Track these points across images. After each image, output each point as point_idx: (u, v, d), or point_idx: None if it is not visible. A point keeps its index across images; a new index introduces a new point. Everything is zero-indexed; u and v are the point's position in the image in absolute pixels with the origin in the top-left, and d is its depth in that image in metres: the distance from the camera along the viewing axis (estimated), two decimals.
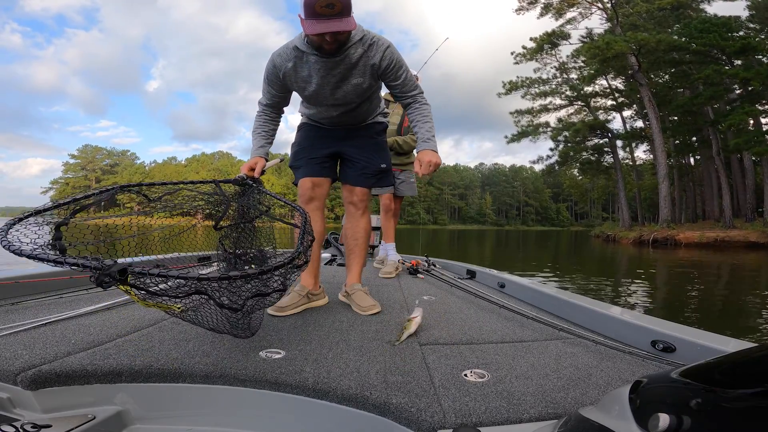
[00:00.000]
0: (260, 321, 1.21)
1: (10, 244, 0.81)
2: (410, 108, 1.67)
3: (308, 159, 1.79)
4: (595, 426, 0.53)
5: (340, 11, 1.32)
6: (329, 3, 1.30)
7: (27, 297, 1.63)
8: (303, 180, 1.77)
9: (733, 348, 1.03)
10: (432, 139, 1.62)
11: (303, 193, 1.77)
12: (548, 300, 1.81)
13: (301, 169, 1.79)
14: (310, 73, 1.55)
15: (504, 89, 30.44)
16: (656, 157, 23.68)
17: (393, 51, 1.55)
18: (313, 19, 1.33)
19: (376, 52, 1.53)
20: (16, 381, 0.93)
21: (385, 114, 1.92)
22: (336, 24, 1.34)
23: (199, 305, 0.92)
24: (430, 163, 1.55)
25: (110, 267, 0.74)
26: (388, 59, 1.54)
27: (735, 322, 4.34)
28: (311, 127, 1.83)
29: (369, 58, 1.53)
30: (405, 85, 1.62)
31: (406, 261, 3.02)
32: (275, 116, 1.76)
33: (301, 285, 1.70)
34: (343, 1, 1.31)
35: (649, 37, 21.17)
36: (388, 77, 1.60)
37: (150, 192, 1.33)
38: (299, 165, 1.80)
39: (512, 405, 0.84)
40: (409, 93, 1.65)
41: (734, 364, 0.49)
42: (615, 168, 30.37)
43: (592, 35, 26.34)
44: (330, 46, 1.43)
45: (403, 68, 1.59)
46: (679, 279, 7.86)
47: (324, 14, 1.32)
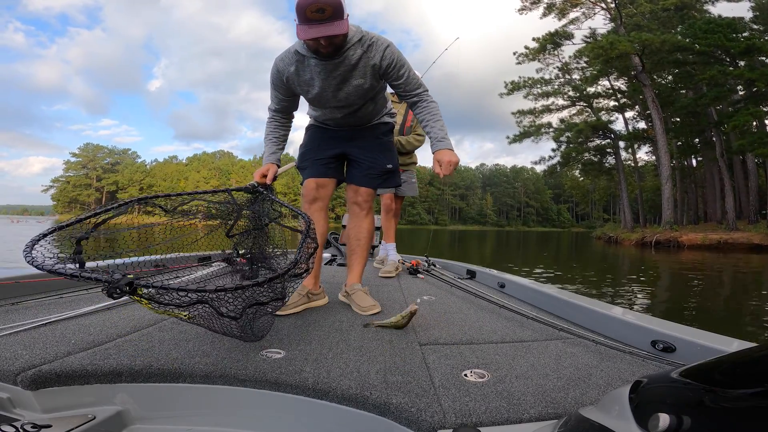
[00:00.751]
0: (270, 325, 1.22)
1: (33, 259, 0.88)
2: (417, 107, 1.65)
3: (314, 160, 1.79)
4: (595, 426, 0.52)
5: (331, 15, 1.33)
6: (319, 8, 1.31)
7: (27, 297, 1.63)
8: (308, 181, 1.78)
9: (733, 348, 1.02)
10: (446, 137, 1.60)
11: (307, 193, 1.77)
12: (548, 300, 1.81)
13: (307, 170, 1.80)
14: (312, 76, 1.56)
15: (506, 89, 30.33)
16: (659, 158, 23.52)
17: (393, 50, 1.55)
18: (306, 25, 1.35)
19: (376, 53, 1.53)
20: (16, 381, 0.93)
21: (392, 114, 1.91)
22: (327, 28, 1.35)
23: (204, 313, 0.95)
24: (450, 163, 1.54)
25: (119, 281, 0.80)
26: (389, 58, 1.54)
27: (740, 323, 4.30)
28: (317, 128, 1.84)
29: (369, 58, 1.53)
30: (408, 83, 1.61)
31: (406, 261, 3.02)
32: (285, 121, 1.77)
33: (301, 285, 1.68)
34: (333, 6, 1.32)
35: (653, 37, 21.03)
36: (390, 76, 1.59)
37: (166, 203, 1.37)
38: (305, 166, 1.82)
39: (512, 405, 0.84)
40: (413, 91, 1.63)
41: (734, 364, 0.49)
42: (617, 169, 30.22)
43: (595, 35, 26.21)
44: (326, 49, 1.44)
45: (405, 67, 1.58)
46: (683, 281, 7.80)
47: (315, 19, 1.33)
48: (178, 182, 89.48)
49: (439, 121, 1.62)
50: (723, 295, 6.27)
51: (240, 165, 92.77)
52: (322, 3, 1.30)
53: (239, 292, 0.92)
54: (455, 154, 1.56)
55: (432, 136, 1.61)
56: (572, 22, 27.26)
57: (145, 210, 1.47)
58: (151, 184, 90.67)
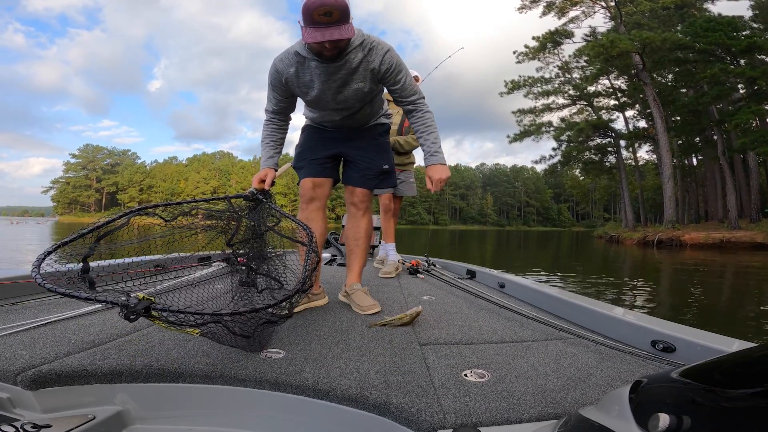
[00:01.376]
0: (271, 333, 1.25)
1: (44, 281, 0.88)
2: (412, 116, 1.66)
3: (310, 160, 1.79)
4: (595, 426, 0.52)
5: (339, 19, 1.32)
6: (327, 11, 1.29)
7: (27, 297, 1.63)
8: (304, 180, 1.78)
9: (733, 348, 1.02)
10: (439, 151, 1.63)
11: (304, 193, 1.77)
12: (548, 300, 1.81)
13: (303, 170, 1.80)
14: (312, 78, 1.55)
15: (506, 88, 30.22)
16: (661, 156, 23.39)
17: (393, 55, 1.55)
18: (312, 27, 1.33)
19: (376, 57, 1.53)
20: (16, 381, 0.93)
21: (388, 115, 1.91)
22: (334, 32, 1.33)
23: (217, 330, 0.98)
24: (441, 180, 1.59)
25: (136, 306, 0.83)
26: (388, 63, 1.54)
27: (751, 324, 4.23)
28: (314, 129, 1.84)
29: (369, 62, 1.53)
30: (404, 89, 1.62)
31: (406, 261, 3.02)
32: (283, 124, 1.75)
33: None
34: (340, 9, 1.30)
35: (654, 36, 20.93)
36: (388, 81, 1.60)
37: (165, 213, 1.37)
38: (301, 166, 1.81)
39: (512, 405, 0.84)
40: (408, 98, 1.64)
41: (734, 364, 0.49)
42: (618, 168, 30.12)
43: (596, 33, 26.10)
44: (330, 52, 1.44)
45: (402, 72, 1.59)
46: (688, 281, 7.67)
47: (322, 22, 1.32)
48: (178, 183, 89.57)
49: (433, 134, 1.64)
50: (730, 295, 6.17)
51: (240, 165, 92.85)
52: (330, 6, 1.29)
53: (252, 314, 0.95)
54: (447, 169, 1.62)
55: (425, 150, 1.64)
56: (572, 20, 27.22)
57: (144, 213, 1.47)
58: (150, 185, 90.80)
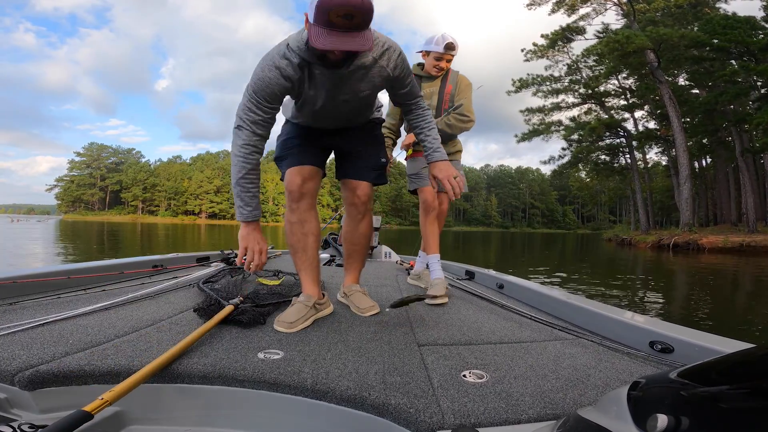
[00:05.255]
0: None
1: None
2: (413, 114, 1.59)
3: (299, 148, 1.57)
4: (593, 426, 0.52)
5: (359, 24, 1.11)
6: (348, 13, 1.08)
7: (25, 297, 1.62)
8: (290, 171, 1.52)
9: (731, 348, 1.02)
10: (441, 147, 1.57)
11: (292, 189, 1.52)
12: (547, 300, 1.80)
13: (288, 159, 1.55)
14: (317, 90, 1.36)
15: (514, 87, 29.44)
16: (678, 157, 22.36)
17: (404, 58, 1.42)
18: (325, 29, 1.11)
19: (389, 62, 1.37)
20: (14, 381, 0.93)
21: (379, 108, 1.84)
22: (350, 41, 1.12)
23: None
24: (460, 183, 1.51)
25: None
26: (400, 68, 1.41)
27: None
28: (301, 126, 1.63)
29: (382, 68, 1.36)
30: (412, 92, 1.53)
31: (405, 261, 3.02)
32: (262, 147, 1.38)
33: (305, 295, 1.51)
34: (363, 14, 1.10)
35: (671, 32, 20.12)
36: (398, 86, 1.48)
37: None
38: (285, 156, 1.57)
39: (511, 406, 0.84)
40: (413, 100, 1.56)
41: (733, 364, 0.49)
42: (631, 169, 29.15)
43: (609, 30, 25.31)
44: (337, 57, 1.25)
45: (411, 75, 1.50)
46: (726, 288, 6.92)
47: (339, 25, 1.11)
48: (182, 182, 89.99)
49: (434, 130, 1.58)
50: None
51: None
52: (353, 8, 1.08)
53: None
54: (452, 166, 1.55)
55: (427, 146, 1.57)
56: (582, 18, 26.46)
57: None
58: (154, 184, 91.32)
